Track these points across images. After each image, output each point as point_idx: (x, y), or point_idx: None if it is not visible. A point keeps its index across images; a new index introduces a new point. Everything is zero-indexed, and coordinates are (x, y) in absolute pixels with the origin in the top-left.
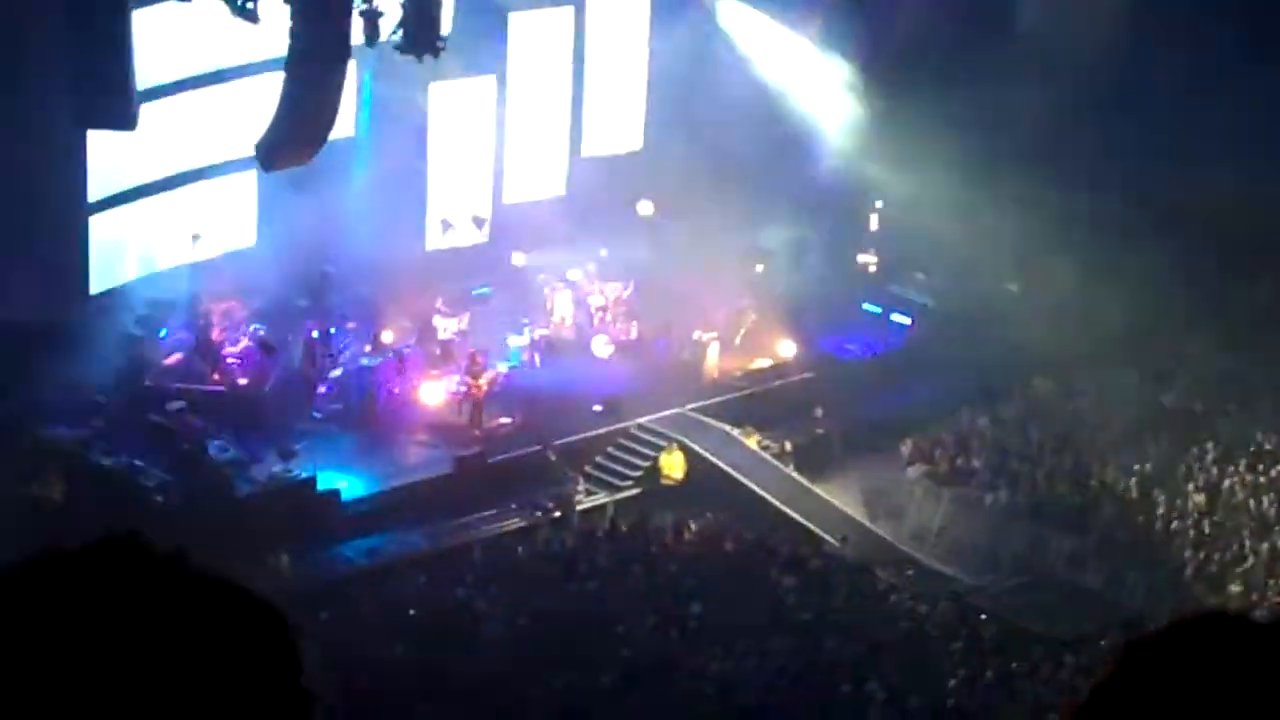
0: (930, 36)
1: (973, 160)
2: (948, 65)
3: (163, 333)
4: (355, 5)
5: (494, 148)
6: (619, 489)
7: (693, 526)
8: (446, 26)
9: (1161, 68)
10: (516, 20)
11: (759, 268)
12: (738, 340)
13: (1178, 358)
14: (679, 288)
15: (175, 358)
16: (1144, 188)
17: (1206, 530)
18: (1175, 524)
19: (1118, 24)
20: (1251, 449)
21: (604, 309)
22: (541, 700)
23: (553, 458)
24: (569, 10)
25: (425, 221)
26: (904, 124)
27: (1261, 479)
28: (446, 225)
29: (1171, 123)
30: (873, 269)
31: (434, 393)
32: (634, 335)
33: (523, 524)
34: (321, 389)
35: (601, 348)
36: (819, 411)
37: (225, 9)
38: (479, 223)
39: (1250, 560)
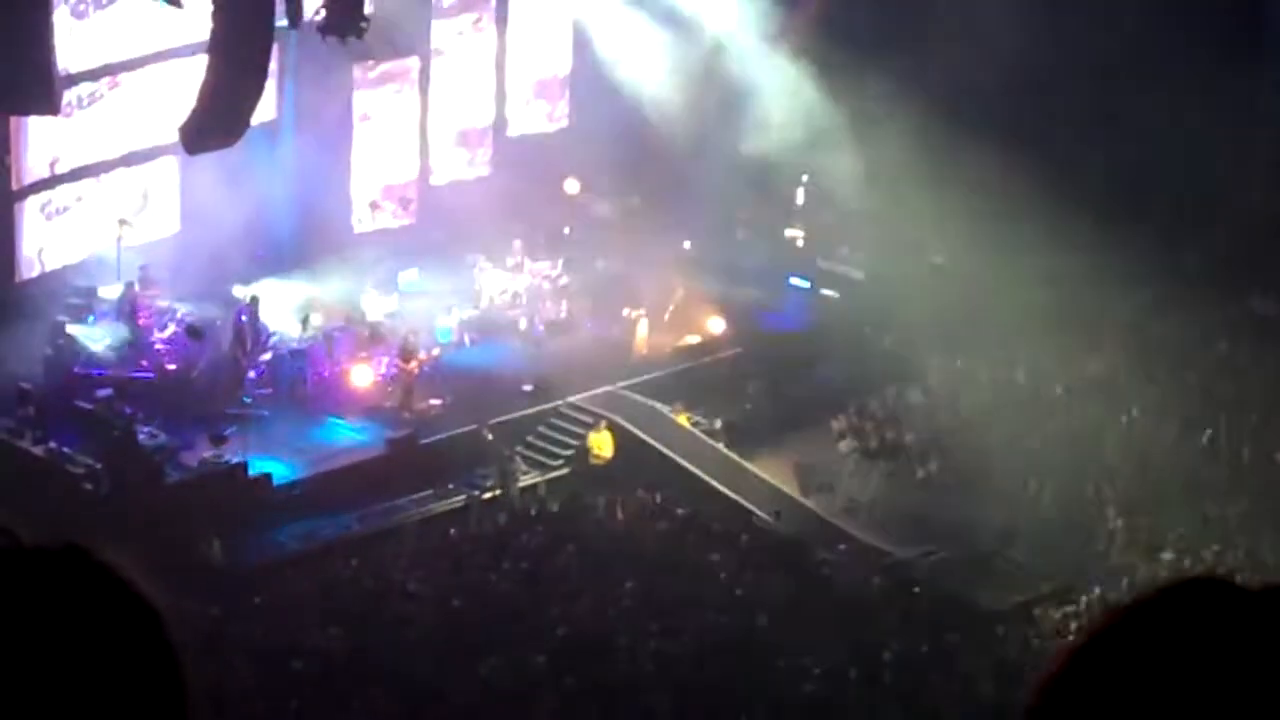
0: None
1: (900, 133)
2: (877, 38)
3: (90, 319)
4: None
5: (419, 129)
6: (550, 469)
7: (625, 505)
8: (369, 7)
9: (1096, 34)
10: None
11: (686, 244)
12: (667, 317)
13: (1105, 326)
14: (607, 265)
15: (103, 344)
16: (1075, 157)
17: (1137, 497)
18: (1105, 491)
19: None
20: (1180, 415)
21: (532, 288)
22: (476, 681)
23: (489, 437)
24: None
25: (352, 204)
26: (835, 97)
27: (1190, 444)
28: (374, 207)
29: (1101, 93)
30: (800, 243)
31: (364, 375)
32: (563, 314)
33: (456, 505)
34: (251, 373)
35: (530, 327)
36: (749, 390)
37: None
38: (405, 204)
39: (1182, 528)
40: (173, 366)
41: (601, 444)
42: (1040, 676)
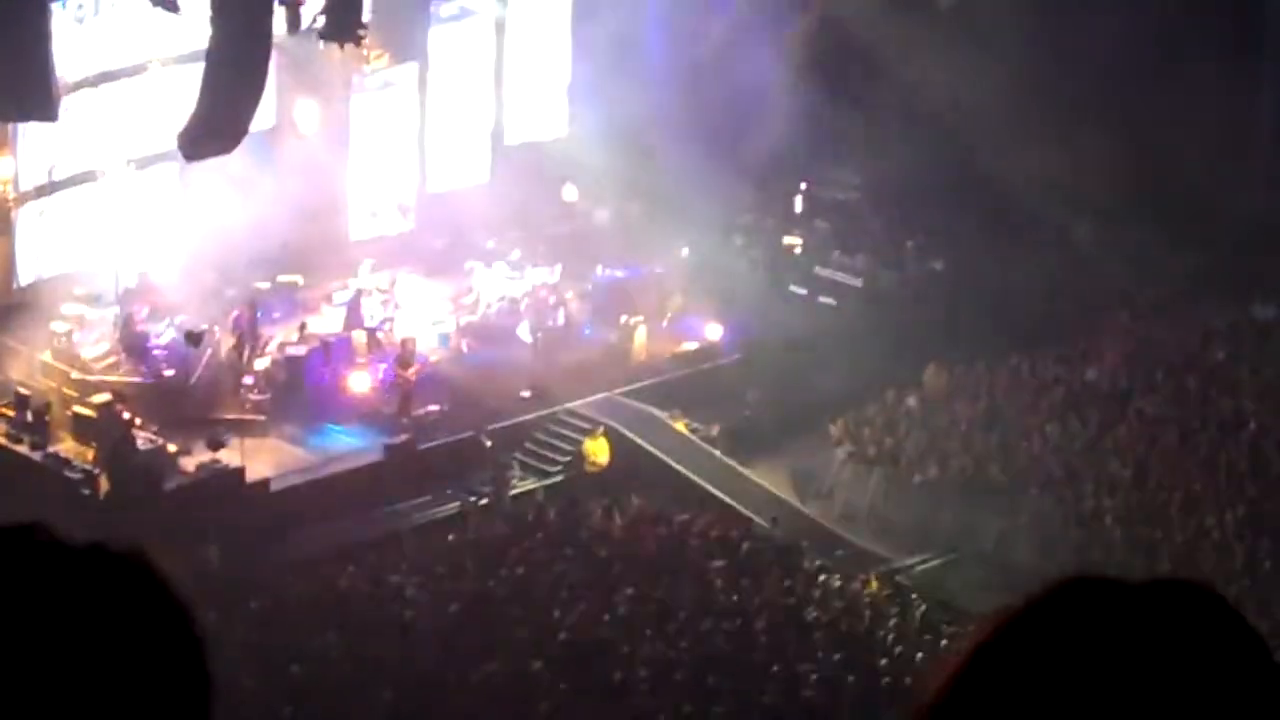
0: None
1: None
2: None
3: (88, 325)
4: None
5: (417, 136)
6: (548, 474)
7: (623, 511)
8: (367, 14)
9: (1095, 39)
10: (438, 7)
11: (684, 251)
12: (665, 324)
13: (1103, 332)
14: (605, 273)
15: (101, 350)
16: (1075, 164)
17: (1135, 506)
18: (1104, 501)
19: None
20: (1179, 421)
21: (530, 294)
22: (473, 687)
23: (487, 444)
24: None
25: (350, 210)
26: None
27: (1188, 451)
28: (372, 214)
29: (1101, 96)
30: (798, 251)
31: (362, 381)
32: (561, 321)
33: (454, 510)
34: (249, 379)
35: (528, 333)
36: (748, 396)
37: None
38: (404, 211)
39: (1179, 536)
40: (170, 372)
41: (597, 451)
42: (934, 682)
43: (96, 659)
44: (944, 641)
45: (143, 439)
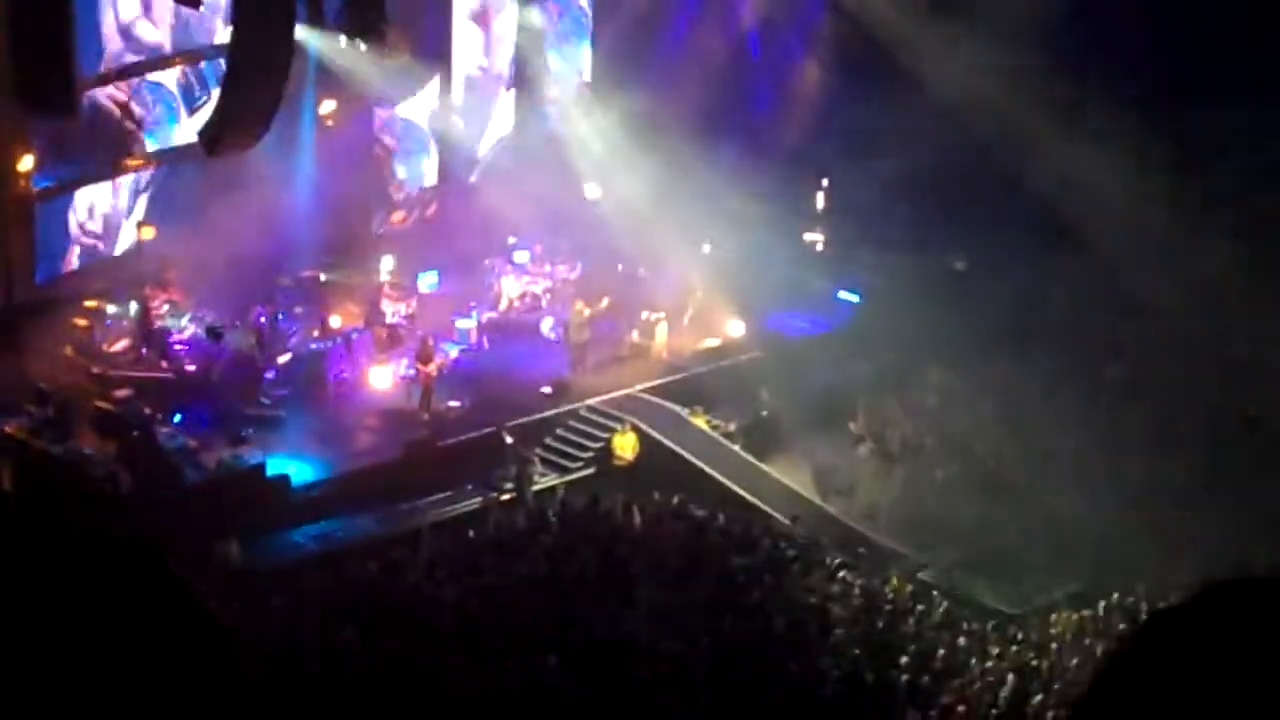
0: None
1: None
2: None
3: (109, 320)
4: None
5: (439, 131)
6: (569, 471)
7: (643, 508)
8: (389, 9)
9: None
10: (460, 2)
11: (706, 247)
12: (686, 320)
13: (1124, 329)
14: (627, 269)
15: (122, 345)
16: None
17: (1153, 500)
18: (1122, 494)
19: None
20: (1198, 418)
21: (551, 290)
22: (492, 683)
23: (509, 440)
24: None
25: (371, 205)
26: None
27: (1208, 448)
28: (393, 209)
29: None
30: (819, 247)
31: (383, 377)
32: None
33: (475, 507)
34: (270, 374)
35: (549, 330)
36: (764, 394)
37: None
38: (426, 205)
39: (1199, 530)
40: (191, 367)
41: (625, 446)
42: (1086, 682)
43: (111, 649)
44: (963, 640)
45: (163, 434)
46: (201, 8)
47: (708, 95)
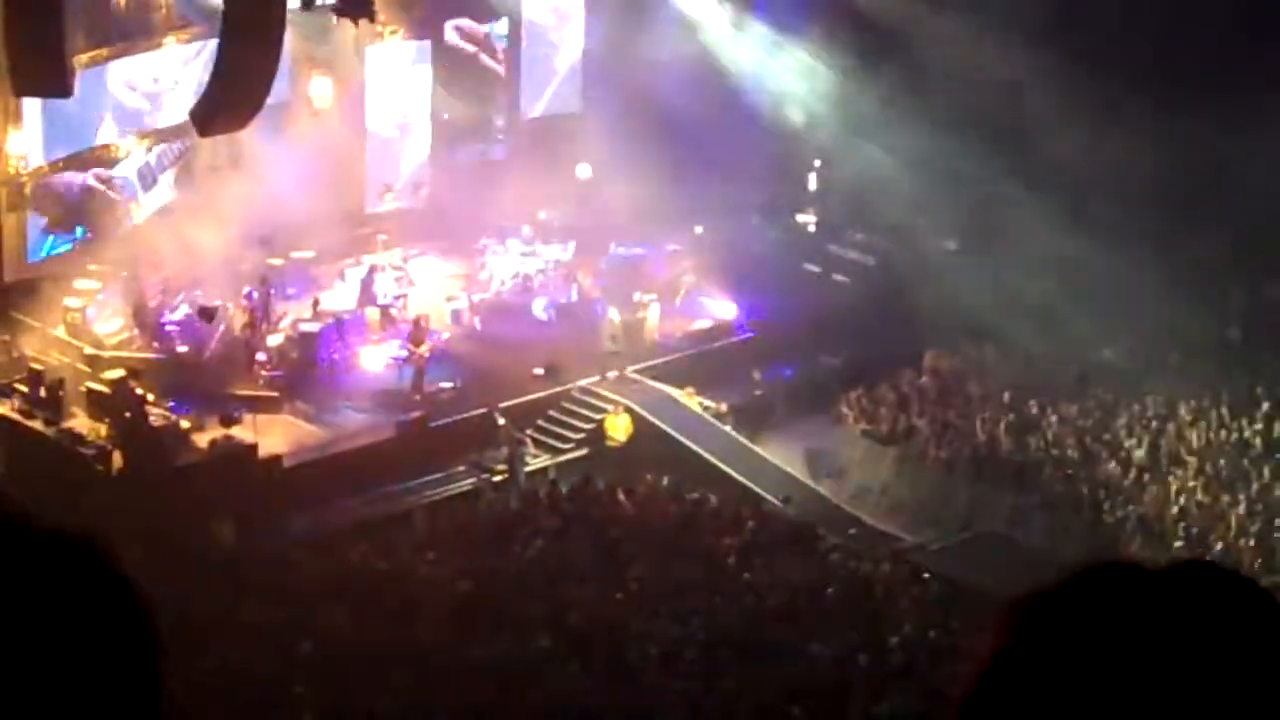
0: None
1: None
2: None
3: (100, 298)
4: None
5: (431, 111)
6: (561, 452)
7: (635, 489)
8: None
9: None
10: None
11: (698, 229)
12: (677, 302)
13: (1119, 311)
14: (619, 250)
15: (115, 325)
16: (1089, 146)
17: (1148, 485)
18: (1117, 479)
19: None
20: (1192, 402)
21: (543, 272)
22: (483, 664)
23: (501, 421)
24: None
25: (363, 186)
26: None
27: (1202, 432)
28: (385, 190)
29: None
30: (811, 229)
31: (375, 358)
32: (574, 298)
33: (467, 488)
34: (261, 355)
35: (541, 311)
36: (756, 374)
37: None
38: (418, 186)
39: (1195, 513)
40: (184, 348)
41: (618, 427)
42: (964, 678)
43: (39, 646)
44: (955, 622)
45: (156, 415)
46: None
47: (701, 74)
